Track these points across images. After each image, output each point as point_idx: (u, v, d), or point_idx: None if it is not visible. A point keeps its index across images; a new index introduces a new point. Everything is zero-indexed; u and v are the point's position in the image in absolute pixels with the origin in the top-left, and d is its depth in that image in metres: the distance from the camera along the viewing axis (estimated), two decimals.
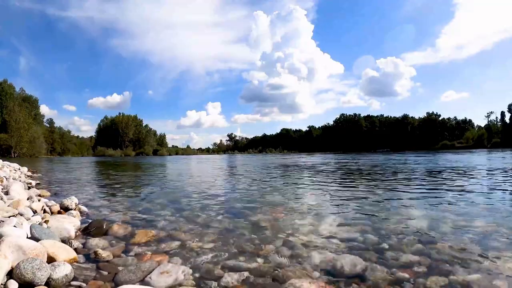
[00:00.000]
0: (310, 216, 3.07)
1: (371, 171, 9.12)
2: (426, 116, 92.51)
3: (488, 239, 2.19)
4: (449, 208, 3.29)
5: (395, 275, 1.62)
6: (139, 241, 2.23)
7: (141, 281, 1.57)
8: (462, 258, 1.82)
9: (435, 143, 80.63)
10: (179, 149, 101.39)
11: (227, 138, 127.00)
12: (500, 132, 71.04)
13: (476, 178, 6.61)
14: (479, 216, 2.90)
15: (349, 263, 1.73)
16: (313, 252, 1.97)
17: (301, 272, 1.67)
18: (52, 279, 1.47)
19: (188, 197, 4.44)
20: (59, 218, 2.65)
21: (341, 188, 5.31)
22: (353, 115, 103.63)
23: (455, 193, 4.34)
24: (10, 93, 61.38)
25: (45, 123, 73.06)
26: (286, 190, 5.31)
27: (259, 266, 1.77)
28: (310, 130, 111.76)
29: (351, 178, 7.42)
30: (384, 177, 7.23)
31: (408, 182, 6.09)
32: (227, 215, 3.16)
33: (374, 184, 5.96)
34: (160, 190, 5.34)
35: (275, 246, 2.11)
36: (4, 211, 2.47)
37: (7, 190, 3.61)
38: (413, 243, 2.12)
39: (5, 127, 56.16)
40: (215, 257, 1.91)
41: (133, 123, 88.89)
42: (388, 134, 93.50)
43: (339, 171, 9.53)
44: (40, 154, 58.57)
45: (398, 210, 3.29)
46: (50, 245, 1.78)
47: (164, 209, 3.45)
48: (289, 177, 8.08)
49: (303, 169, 11.18)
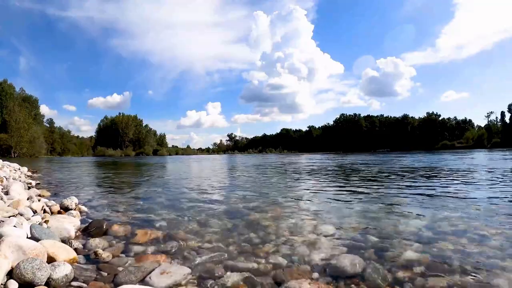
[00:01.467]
0: (310, 216, 3.07)
1: (371, 171, 9.11)
2: (426, 116, 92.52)
3: (488, 239, 2.19)
4: (449, 208, 3.29)
5: (395, 275, 1.63)
6: (139, 241, 2.23)
7: (141, 281, 1.57)
8: (462, 258, 1.82)
9: (435, 143, 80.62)
10: (179, 149, 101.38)
11: (227, 138, 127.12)
12: (500, 132, 71.02)
13: (476, 178, 6.60)
14: (479, 216, 2.90)
15: (349, 263, 1.73)
16: (313, 252, 1.97)
17: (301, 272, 1.68)
18: (52, 279, 1.47)
19: (188, 197, 4.44)
20: (59, 218, 2.65)
21: (341, 188, 5.31)
22: (353, 115, 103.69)
23: (455, 193, 4.34)
24: (10, 93, 61.38)
25: (45, 123, 73.15)
26: (286, 190, 5.31)
27: (259, 266, 1.77)
28: (310, 130, 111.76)
29: (351, 178, 7.42)
30: (384, 177, 7.23)
31: (408, 182, 6.09)
32: (227, 215, 3.15)
33: (374, 184, 5.96)
34: (160, 190, 5.34)
35: (275, 246, 2.11)
36: (4, 211, 2.47)
37: (7, 190, 3.61)
38: (413, 243, 2.12)
39: (5, 127, 56.15)
40: (215, 257, 1.91)
41: (133, 123, 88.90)
42: (388, 134, 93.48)
43: (339, 171, 9.53)
44: (40, 154, 58.57)
45: (398, 210, 3.29)
46: (50, 245, 1.78)
47: (164, 209, 3.45)
48: (289, 177, 8.08)
49: (303, 169, 11.18)
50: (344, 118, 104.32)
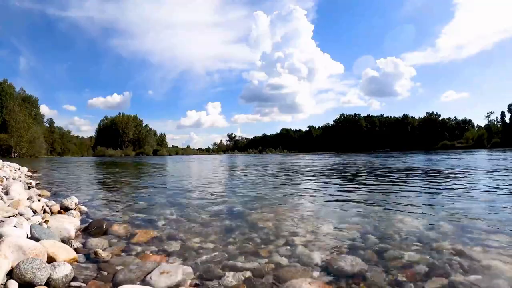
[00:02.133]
0: (310, 216, 3.07)
1: (371, 171, 9.11)
2: (426, 116, 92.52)
3: (489, 239, 2.19)
4: (449, 207, 3.29)
5: (395, 275, 1.62)
6: (139, 241, 2.23)
7: (141, 281, 1.57)
8: (462, 258, 1.82)
9: (435, 143, 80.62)
10: (179, 149, 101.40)
11: (227, 138, 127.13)
12: (500, 132, 71.02)
13: (476, 177, 6.60)
14: (480, 216, 2.89)
15: (349, 263, 1.73)
16: (313, 252, 1.97)
17: (301, 272, 1.67)
18: (52, 279, 1.47)
19: (188, 196, 4.44)
20: (59, 218, 2.65)
21: (341, 188, 5.31)
22: (353, 115, 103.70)
23: (455, 192, 4.34)
24: (10, 93, 61.40)
25: (45, 123, 73.18)
26: (286, 190, 5.30)
27: (259, 266, 1.77)
28: (310, 130, 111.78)
29: (351, 178, 7.41)
30: (384, 177, 7.23)
31: (408, 182, 6.09)
32: (227, 214, 3.16)
33: (374, 184, 5.96)
34: (160, 190, 5.34)
35: (275, 246, 2.11)
36: (4, 211, 2.47)
37: (7, 190, 3.61)
38: (413, 243, 2.12)
39: (5, 127, 56.17)
40: (215, 257, 1.91)
41: (133, 123, 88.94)
42: (388, 134, 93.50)
43: (339, 171, 9.52)
44: (40, 154, 58.58)
45: (398, 210, 3.28)
46: (50, 245, 1.78)
47: (164, 209, 3.45)
48: (289, 177, 8.07)
49: (303, 169, 11.18)
50: (344, 118, 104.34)
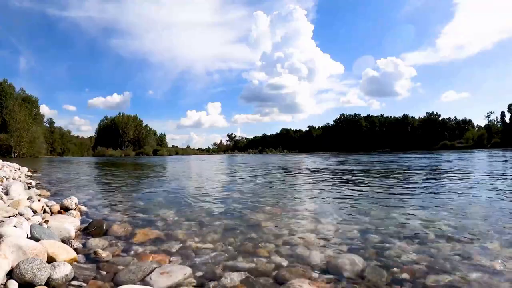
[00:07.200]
0: (310, 215, 3.07)
1: (371, 171, 9.11)
2: (426, 116, 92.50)
3: (488, 238, 2.19)
4: (449, 207, 3.29)
5: (395, 274, 1.63)
6: (139, 241, 2.23)
7: (141, 281, 1.57)
8: (462, 258, 1.82)
9: (435, 143, 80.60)
10: (179, 149, 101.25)
11: (227, 138, 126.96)
12: (500, 132, 70.98)
13: (476, 177, 6.60)
14: (479, 216, 2.90)
15: (349, 263, 1.73)
16: (313, 252, 1.97)
17: (301, 272, 1.67)
18: (52, 279, 1.47)
19: (188, 197, 4.44)
20: (59, 218, 2.65)
21: (341, 188, 5.31)
22: (353, 115, 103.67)
23: (455, 192, 4.34)
24: (10, 93, 61.28)
25: (45, 123, 73.00)
26: (286, 190, 5.31)
27: (259, 266, 1.77)
28: (310, 130, 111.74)
29: (351, 177, 7.41)
30: (383, 177, 7.23)
31: (408, 182, 6.09)
32: (227, 215, 3.16)
33: (374, 184, 5.96)
34: (160, 190, 5.34)
35: (275, 246, 2.11)
36: (4, 211, 2.47)
37: (7, 190, 3.61)
38: (413, 242, 2.12)
39: (5, 127, 56.12)
40: (215, 257, 1.91)
41: (133, 123, 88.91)
42: (388, 134, 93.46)
43: (338, 171, 9.52)
44: (40, 154, 58.54)
45: (398, 209, 3.28)
46: (50, 245, 1.78)
47: (164, 209, 3.45)
48: (289, 177, 8.07)
49: (303, 169, 11.18)
50: (344, 118, 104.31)
